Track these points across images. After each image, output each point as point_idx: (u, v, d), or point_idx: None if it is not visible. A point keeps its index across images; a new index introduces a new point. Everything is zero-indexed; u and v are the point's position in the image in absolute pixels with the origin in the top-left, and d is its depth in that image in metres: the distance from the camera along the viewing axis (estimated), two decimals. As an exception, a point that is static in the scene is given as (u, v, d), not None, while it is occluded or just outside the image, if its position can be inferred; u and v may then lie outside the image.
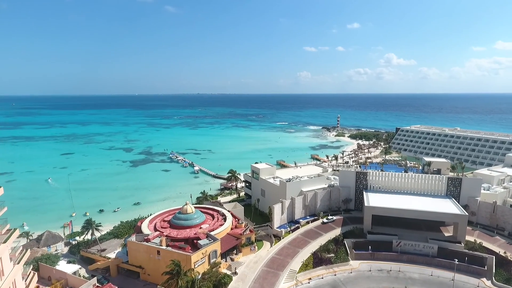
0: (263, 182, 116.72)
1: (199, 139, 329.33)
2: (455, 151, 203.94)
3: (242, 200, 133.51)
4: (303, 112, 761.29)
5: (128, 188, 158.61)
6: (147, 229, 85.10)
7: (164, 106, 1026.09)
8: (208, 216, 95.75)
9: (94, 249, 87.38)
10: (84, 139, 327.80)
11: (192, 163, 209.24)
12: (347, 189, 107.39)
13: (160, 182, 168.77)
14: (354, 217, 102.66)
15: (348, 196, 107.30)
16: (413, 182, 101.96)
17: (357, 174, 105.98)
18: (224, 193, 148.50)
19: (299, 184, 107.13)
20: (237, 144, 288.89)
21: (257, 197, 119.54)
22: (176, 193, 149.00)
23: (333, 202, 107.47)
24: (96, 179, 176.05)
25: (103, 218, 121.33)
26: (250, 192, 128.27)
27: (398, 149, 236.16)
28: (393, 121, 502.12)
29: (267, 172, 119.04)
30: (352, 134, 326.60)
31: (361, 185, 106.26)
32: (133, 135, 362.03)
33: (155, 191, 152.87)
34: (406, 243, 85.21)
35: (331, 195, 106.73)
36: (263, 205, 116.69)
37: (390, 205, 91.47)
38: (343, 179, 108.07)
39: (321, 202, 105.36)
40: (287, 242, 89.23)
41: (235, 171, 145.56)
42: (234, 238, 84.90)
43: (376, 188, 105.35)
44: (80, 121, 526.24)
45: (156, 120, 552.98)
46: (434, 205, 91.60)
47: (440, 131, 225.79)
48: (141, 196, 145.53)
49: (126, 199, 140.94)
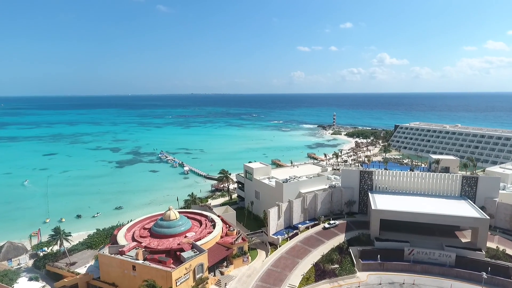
0: (257, 183, 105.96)
1: (190, 138, 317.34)
2: (457, 148, 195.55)
3: (235, 202, 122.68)
4: (298, 111, 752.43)
5: (111, 190, 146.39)
6: (123, 239, 73.61)
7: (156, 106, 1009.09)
8: (195, 222, 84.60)
9: (62, 262, 75.58)
10: (69, 139, 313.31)
11: (182, 163, 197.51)
12: (350, 190, 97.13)
13: (146, 184, 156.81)
14: (358, 221, 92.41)
15: (351, 198, 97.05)
16: (424, 182, 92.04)
17: (361, 173, 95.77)
18: (215, 195, 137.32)
19: (297, 185, 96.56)
20: (230, 143, 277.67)
21: (250, 200, 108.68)
22: (163, 195, 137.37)
23: (335, 204, 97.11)
24: (77, 181, 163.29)
25: (80, 225, 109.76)
26: (243, 194, 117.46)
27: (398, 147, 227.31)
28: (387, 119, 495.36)
29: (261, 172, 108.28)
30: (349, 132, 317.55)
31: (365, 186, 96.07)
32: (122, 134, 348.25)
33: (141, 194, 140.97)
34: (419, 251, 75.15)
35: (332, 197, 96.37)
36: (257, 208, 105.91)
37: (401, 208, 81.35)
38: (346, 179, 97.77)
39: (321, 205, 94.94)
40: (285, 252, 78.56)
41: (227, 171, 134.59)
42: (224, 248, 73.90)
43: (383, 189, 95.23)
44: (68, 121, 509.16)
45: (147, 120, 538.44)
46: (450, 208, 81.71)
47: (441, 128, 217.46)
48: (125, 199, 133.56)
49: (108, 203, 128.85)
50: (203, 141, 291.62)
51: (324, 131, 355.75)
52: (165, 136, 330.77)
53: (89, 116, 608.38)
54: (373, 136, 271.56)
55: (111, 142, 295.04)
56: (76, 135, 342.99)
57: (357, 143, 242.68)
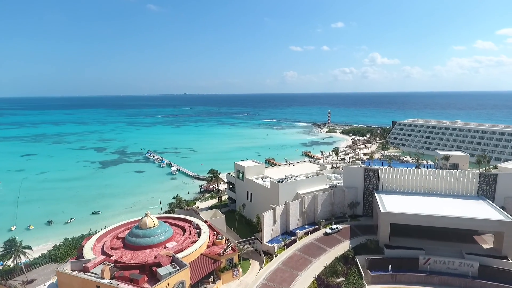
0: (249, 184, 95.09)
1: (181, 137, 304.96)
2: (458, 144, 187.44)
3: (225, 205, 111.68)
4: (291, 109, 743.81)
5: (90, 193, 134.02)
6: (90, 251, 61.94)
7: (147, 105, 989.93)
8: (178, 229, 73.29)
9: (18, 280, 63.65)
10: (53, 139, 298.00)
11: (170, 163, 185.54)
12: (353, 190, 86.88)
13: (129, 186, 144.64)
14: (364, 225, 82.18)
15: (355, 199, 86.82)
16: (437, 181, 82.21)
17: (366, 171, 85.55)
18: (204, 197, 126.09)
19: (294, 185, 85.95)
20: (222, 142, 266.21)
21: (242, 202, 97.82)
22: (147, 198, 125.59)
23: (336, 206, 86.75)
24: (54, 183, 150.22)
25: (49, 232, 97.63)
26: (234, 196, 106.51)
27: (396, 144, 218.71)
28: (381, 117, 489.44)
29: (254, 171, 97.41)
30: (345, 130, 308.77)
31: (370, 185, 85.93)
32: (109, 134, 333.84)
33: (122, 197, 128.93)
34: (436, 260, 65.20)
35: (334, 198, 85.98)
36: (250, 212, 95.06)
37: (414, 210, 71.21)
38: (348, 177, 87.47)
39: (322, 207, 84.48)
40: (282, 262, 67.78)
41: (217, 170, 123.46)
42: (210, 260, 62.78)
43: (390, 188, 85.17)
44: (54, 121, 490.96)
45: (137, 119, 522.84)
46: (468, 209, 71.94)
47: (441, 124, 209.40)
48: (104, 203, 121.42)
49: (85, 208, 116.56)
50: (193, 140, 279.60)
51: (318, 129, 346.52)
52: (154, 135, 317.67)
53: (76, 116, 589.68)
54: (370, 133, 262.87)
55: (96, 141, 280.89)
56: (60, 135, 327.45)
57: (354, 141, 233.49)
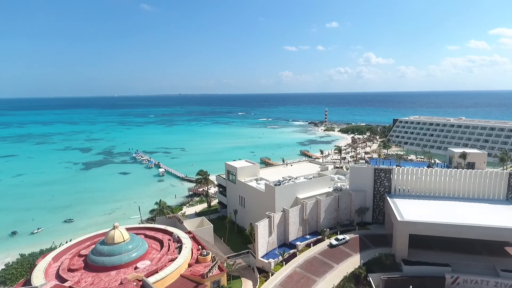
0: (242, 187, 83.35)
1: (173, 136, 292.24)
2: (464, 142, 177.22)
3: (215, 210, 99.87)
4: (287, 108, 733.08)
5: (67, 198, 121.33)
6: (41, 274, 49.66)
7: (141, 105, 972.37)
8: (155, 243, 61.22)
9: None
10: (38, 139, 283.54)
11: (158, 164, 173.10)
12: (361, 193, 75.47)
13: (112, 189, 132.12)
14: (375, 235, 70.77)
15: (363, 204, 75.42)
16: (458, 182, 71.05)
17: (376, 172, 74.12)
18: (192, 201, 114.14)
19: (293, 189, 74.35)
20: (216, 142, 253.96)
21: (234, 208, 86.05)
22: (129, 203, 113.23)
23: (342, 213, 75.27)
24: (29, 187, 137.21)
25: (12, 244, 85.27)
26: (225, 200, 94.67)
27: (398, 142, 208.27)
28: (379, 116, 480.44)
29: (247, 172, 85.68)
30: (343, 128, 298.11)
31: (381, 188, 74.57)
32: (98, 134, 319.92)
33: (102, 202, 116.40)
34: (466, 279, 54.12)
35: (339, 203, 74.47)
36: (242, 219, 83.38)
37: (436, 218, 59.84)
38: (356, 179, 76.02)
39: (325, 214, 72.94)
40: (280, 283, 56.13)
41: (206, 171, 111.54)
42: (192, 284, 50.82)
43: (404, 192, 73.86)
44: (42, 121, 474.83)
45: (129, 119, 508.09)
46: (500, 217, 60.81)
47: (445, 121, 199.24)
48: (80, 209, 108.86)
49: (57, 215, 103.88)
50: (185, 140, 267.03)
51: (316, 127, 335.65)
52: (145, 135, 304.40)
53: (66, 116, 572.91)
54: (370, 131, 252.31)
55: (83, 141, 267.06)
56: (46, 135, 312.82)
57: (353, 139, 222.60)
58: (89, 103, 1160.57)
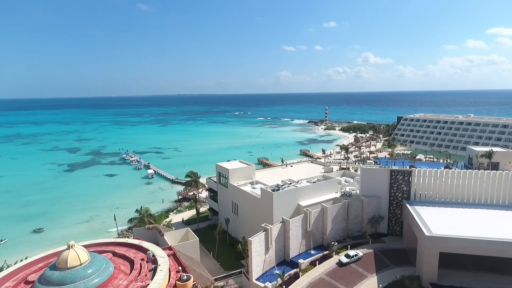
0: (234, 191, 71.92)
1: (167, 136, 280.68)
2: (475, 140, 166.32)
3: (206, 218, 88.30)
4: (286, 107, 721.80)
5: (43, 203, 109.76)
6: (-32, 311, 37.98)
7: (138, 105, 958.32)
8: (124, 264, 49.21)
9: None
10: (26, 140, 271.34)
11: (148, 165, 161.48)
12: (375, 200, 64.12)
13: (94, 193, 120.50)
14: (392, 249, 59.45)
15: (377, 212, 64.09)
16: (491, 186, 59.77)
17: (393, 174, 62.77)
18: (181, 207, 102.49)
19: (294, 195, 62.93)
20: (212, 141, 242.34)
21: (226, 216, 74.65)
22: (110, 209, 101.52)
23: (352, 222, 63.91)
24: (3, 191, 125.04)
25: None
26: (216, 207, 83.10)
27: (403, 141, 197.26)
28: (379, 114, 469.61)
29: (240, 175, 74.22)
30: (344, 127, 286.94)
31: (399, 193, 63.26)
32: (89, 133, 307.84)
33: (81, 208, 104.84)
34: (514, 310, 42.74)
35: (349, 212, 63.09)
36: (236, 229, 72.09)
37: (473, 232, 48.41)
38: (368, 183, 64.63)
39: (332, 224, 61.57)
40: (279, 315, 44.70)
41: (197, 173, 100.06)
42: (165, 321, 39.22)
43: (425, 197, 62.54)
44: (34, 121, 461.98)
45: (124, 118, 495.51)
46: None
47: (453, 119, 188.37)
48: (55, 216, 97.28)
49: (28, 223, 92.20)
50: (179, 139, 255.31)
51: (316, 126, 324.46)
52: (138, 135, 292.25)
53: (61, 116, 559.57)
54: (373, 130, 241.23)
55: (72, 141, 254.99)
56: (36, 135, 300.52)
57: (356, 138, 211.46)
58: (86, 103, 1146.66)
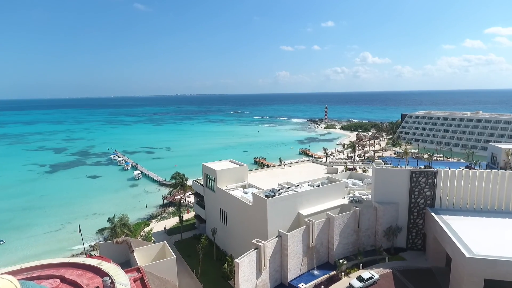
0: (222, 197, 60.65)
1: (160, 135, 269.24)
2: (486, 138, 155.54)
3: (192, 226, 76.95)
4: (284, 106, 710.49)
5: (13, 209, 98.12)
6: None
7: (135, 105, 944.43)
8: (72, 295, 38.09)
9: None
10: (12, 139, 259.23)
11: (136, 165, 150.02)
12: (392, 207, 52.90)
13: (72, 197, 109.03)
14: (414, 269, 48.18)
15: (394, 222, 52.86)
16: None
17: (414, 175, 51.61)
18: (166, 212, 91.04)
19: (293, 202, 51.62)
20: (207, 140, 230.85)
21: (214, 225, 63.37)
22: (85, 216, 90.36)
23: (364, 235, 52.70)
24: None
25: None
26: (203, 214, 71.62)
27: (409, 139, 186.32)
28: (380, 113, 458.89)
29: (230, 177, 62.88)
30: (344, 126, 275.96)
31: (420, 198, 52.07)
32: (80, 133, 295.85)
33: (53, 214, 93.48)
34: None
35: (360, 222, 51.87)
36: (224, 241, 60.94)
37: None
38: (383, 187, 53.38)
39: (340, 238, 50.32)
40: None
41: (183, 174, 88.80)
42: None
43: (454, 205, 51.35)
44: (26, 121, 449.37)
45: (118, 118, 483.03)
46: None
47: (462, 115, 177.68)
48: (22, 224, 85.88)
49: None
50: (173, 139, 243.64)
51: (315, 125, 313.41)
52: (130, 135, 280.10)
53: (54, 116, 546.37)
54: (375, 128, 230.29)
55: (60, 141, 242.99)
56: (24, 135, 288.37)
57: (358, 136, 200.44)
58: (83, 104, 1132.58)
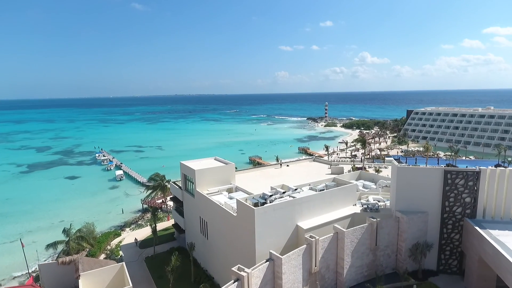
0: (202, 203, 48.42)
1: (153, 133, 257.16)
2: (501, 135, 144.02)
3: (171, 236, 64.60)
4: (283, 105, 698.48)
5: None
6: None
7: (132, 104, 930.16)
8: None
9: None
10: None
11: (120, 165, 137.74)
12: (419, 218, 40.67)
13: (43, 200, 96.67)
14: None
15: (422, 238, 40.65)
16: None
17: (448, 176, 39.52)
18: (143, 219, 78.62)
19: (289, 211, 39.30)
20: (201, 139, 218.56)
21: (193, 238, 51.27)
22: (51, 223, 77.82)
23: (382, 254, 40.49)
24: None
25: None
26: (182, 223, 59.15)
27: (415, 137, 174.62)
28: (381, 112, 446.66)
29: (212, 178, 50.64)
30: (346, 124, 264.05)
31: (457, 207, 39.91)
32: (69, 132, 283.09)
33: (14, 220, 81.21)
34: None
35: (378, 237, 39.67)
36: (204, 257, 48.93)
37: None
38: (406, 190, 41.16)
39: (352, 259, 38.11)
40: None
41: (164, 176, 76.80)
42: None
43: (503, 216, 39.24)
44: (16, 120, 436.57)
45: (112, 117, 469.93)
46: None
47: (472, 111, 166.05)
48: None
49: None
50: (166, 137, 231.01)
51: (315, 123, 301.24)
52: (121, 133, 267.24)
53: (48, 115, 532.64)
54: (379, 125, 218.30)
55: (46, 140, 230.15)
56: (9, 134, 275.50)
57: (362, 134, 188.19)
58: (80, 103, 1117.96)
